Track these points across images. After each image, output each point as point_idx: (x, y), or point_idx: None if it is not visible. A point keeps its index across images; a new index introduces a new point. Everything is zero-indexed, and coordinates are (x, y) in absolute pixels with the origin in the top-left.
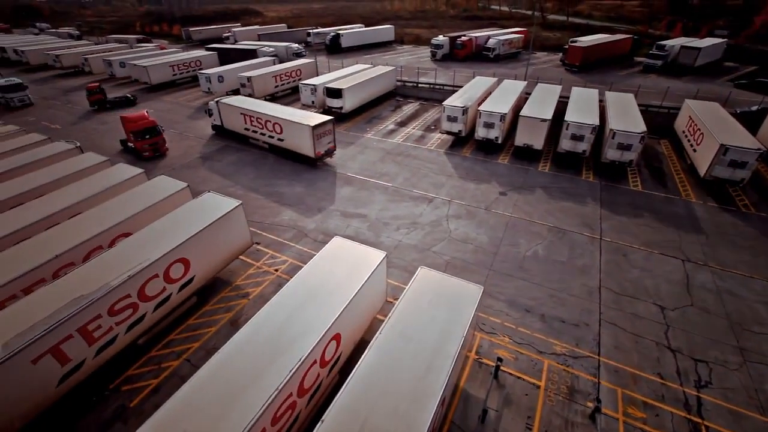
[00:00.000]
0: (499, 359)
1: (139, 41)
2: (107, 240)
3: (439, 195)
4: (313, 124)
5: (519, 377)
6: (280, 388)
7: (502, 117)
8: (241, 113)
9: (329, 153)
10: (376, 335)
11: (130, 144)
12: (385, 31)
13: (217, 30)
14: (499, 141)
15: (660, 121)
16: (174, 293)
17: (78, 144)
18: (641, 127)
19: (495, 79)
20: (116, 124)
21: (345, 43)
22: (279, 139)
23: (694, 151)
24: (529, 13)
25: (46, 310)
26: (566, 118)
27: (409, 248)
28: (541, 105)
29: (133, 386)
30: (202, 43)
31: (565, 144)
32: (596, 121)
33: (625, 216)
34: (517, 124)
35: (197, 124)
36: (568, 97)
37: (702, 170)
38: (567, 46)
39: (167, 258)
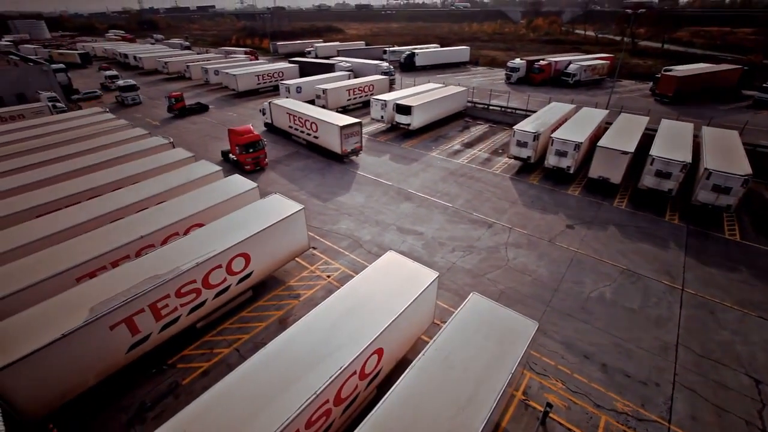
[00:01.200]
0: (549, 405)
1: (247, 53)
2: (183, 228)
3: (499, 221)
4: (341, 125)
5: (570, 429)
6: (318, 392)
7: (577, 146)
8: (287, 113)
9: (355, 152)
10: (419, 356)
11: (232, 156)
12: (461, 51)
13: (300, 45)
14: (571, 171)
15: None
16: (233, 285)
17: (171, 140)
18: (745, 168)
19: (572, 106)
20: (203, 124)
21: (419, 61)
22: (314, 137)
23: None
24: (618, 38)
25: (126, 283)
26: (652, 153)
27: (463, 272)
28: (623, 136)
29: (187, 365)
30: (286, 56)
31: (648, 180)
32: (688, 158)
33: (717, 268)
34: (593, 154)
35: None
36: (655, 130)
37: None
38: (659, 75)
39: (231, 251)
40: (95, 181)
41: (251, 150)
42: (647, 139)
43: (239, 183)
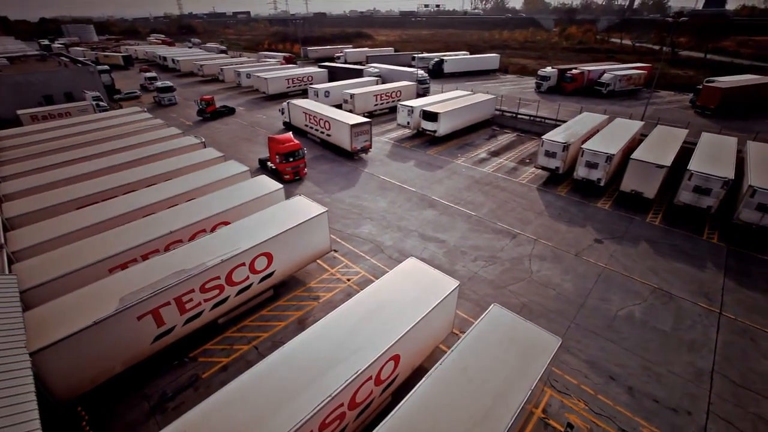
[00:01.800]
0: (570, 425)
1: (287, 60)
2: (210, 225)
3: (524, 232)
4: (352, 123)
5: None
6: (333, 395)
7: (609, 158)
8: (303, 112)
9: (365, 149)
10: (436, 366)
11: (270, 164)
12: (490, 59)
13: (330, 50)
14: (602, 183)
15: None
16: (255, 283)
17: (203, 140)
18: None
19: (605, 116)
20: (234, 125)
21: (448, 68)
22: (327, 135)
23: None
24: (657, 47)
25: (154, 276)
26: (690, 167)
27: (484, 282)
28: (659, 149)
29: (207, 359)
30: (316, 61)
31: (685, 196)
32: (730, 174)
33: (760, 292)
34: (625, 167)
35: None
36: (694, 144)
37: None
38: (700, 86)
39: (255, 250)
40: (131, 177)
41: (291, 159)
42: (685, 152)
43: (265, 183)
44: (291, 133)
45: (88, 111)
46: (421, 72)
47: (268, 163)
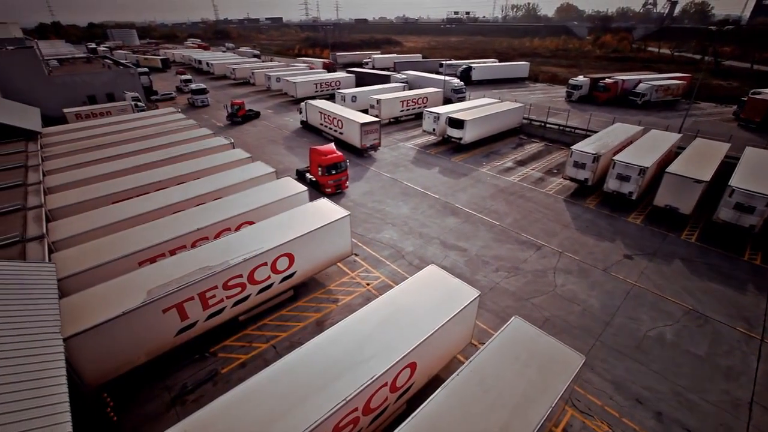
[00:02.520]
0: None
1: (326, 66)
2: (235, 224)
3: (549, 244)
4: (361, 122)
5: None
6: (348, 399)
7: (642, 171)
8: (319, 111)
9: (373, 147)
10: (453, 376)
11: (310, 176)
12: (519, 67)
13: (358, 56)
14: (634, 197)
15: None
16: (276, 283)
17: (232, 141)
18: None
19: (640, 128)
20: (262, 128)
21: (476, 76)
22: (340, 132)
23: None
24: (698, 57)
25: (180, 271)
26: (731, 183)
27: (506, 294)
28: (697, 163)
29: (227, 355)
30: (344, 67)
31: (726, 214)
32: None
33: None
34: (660, 181)
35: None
36: (737, 158)
37: None
38: (745, 98)
39: (277, 250)
40: (163, 174)
41: (334, 171)
42: (727, 168)
43: (290, 185)
44: (333, 143)
45: (127, 111)
46: (456, 81)
47: (308, 174)
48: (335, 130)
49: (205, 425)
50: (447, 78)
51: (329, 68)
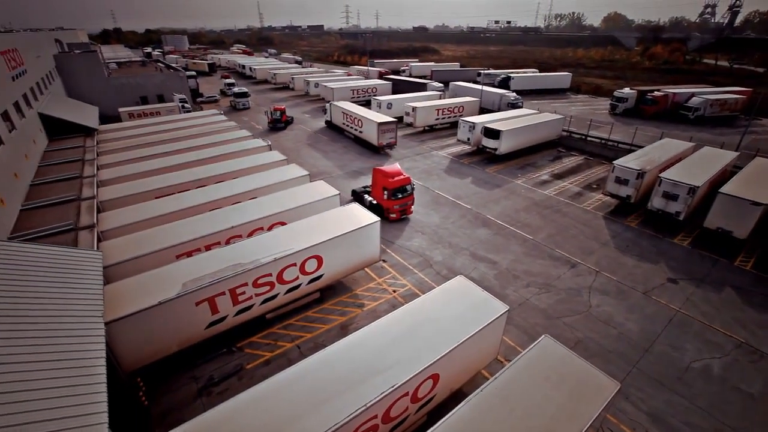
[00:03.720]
0: None
1: (381, 75)
2: (268, 224)
3: (585, 262)
4: (379, 121)
5: None
6: (368, 405)
7: (692, 190)
8: (342, 112)
9: (390, 146)
10: (477, 391)
11: (371, 199)
12: (560, 77)
13: (396, 63)
14: (681, 218)
15: None
16: (304, 284)
17: (269, 143)
18: None
19: (691, 144)
20: (299, 131)
21: (514, 86)
22: (359, 132)
23: None
24: (761, 70)
25: (214, 267)
26: None
27: (536, 311)
28: (756, 184)
29: (253, 351)
30: (381, 74)
31: None
32: None
33: None
34: (712, 202)
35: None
36: None
37: None
38: None
39: (306, 252)
40: (203, 173)
41: (400, 195)
42: None
43: (322, 189)
44: (398, 163)
45: (174, 111)
46: (513, 94)
47: (367, 196)
48: (356, 129)
49: (229, 418)
50: (501, 91)
51: (384, 78)
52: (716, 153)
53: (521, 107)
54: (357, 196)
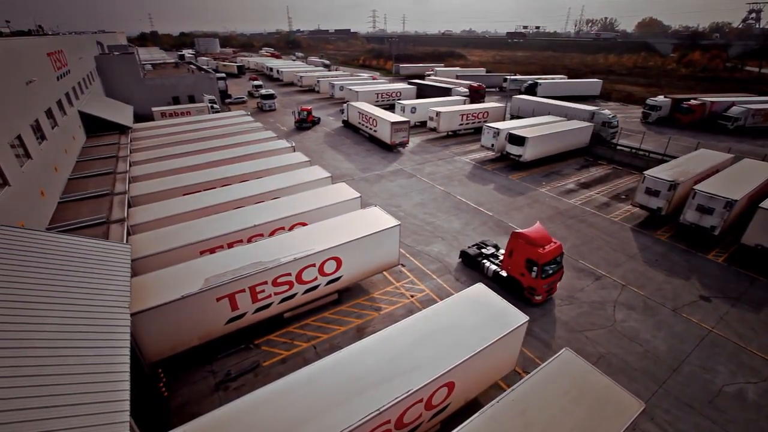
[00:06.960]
0: None
1: (408, 80)
2: (289, 224)
3: (611, 275)
4: (392, 121)
5: None
6: (381, 410)
7: (729, 204)
8: (358, 111)
9: (402, 144)
10: (492, 403)
11: (495, 269)
12: (590, 84)
13: (421, 68)
14: (716, 233)
15: None
16: (322, 285)
17: (293, 144)
18: None
19: (730, 155)
20: (322, 133)
21: (541, 92)
22: (374, 131)
23: None
24: None
25: (235, 264)
26: None
27: (558, 323)
28: None
29: (269, 349)
30: (407, 78)
31: None
32: None
33: None
34: (751, 217)
35: (380, 144)
36: None
37: None
38: None
39: (326, 253)
40: (228, 172)
41: (551, 271)
42: None
43: (343, 191)
44: (539, 223)
45: (204, 111)
46: (610, 113)
47: (489, 264)
48: (370, 128)
49: (243, 413)
50: (586, 107)
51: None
52: (757, 165)
53: (617, 129)
54: (469, 260)
